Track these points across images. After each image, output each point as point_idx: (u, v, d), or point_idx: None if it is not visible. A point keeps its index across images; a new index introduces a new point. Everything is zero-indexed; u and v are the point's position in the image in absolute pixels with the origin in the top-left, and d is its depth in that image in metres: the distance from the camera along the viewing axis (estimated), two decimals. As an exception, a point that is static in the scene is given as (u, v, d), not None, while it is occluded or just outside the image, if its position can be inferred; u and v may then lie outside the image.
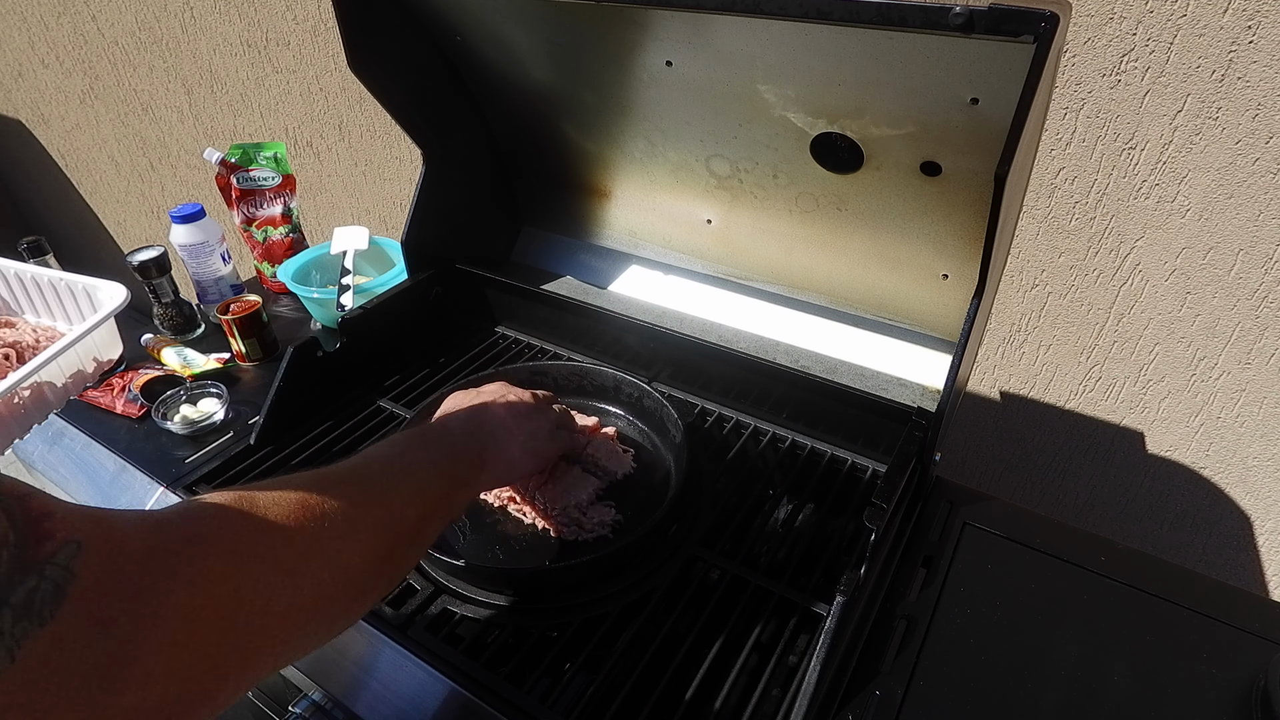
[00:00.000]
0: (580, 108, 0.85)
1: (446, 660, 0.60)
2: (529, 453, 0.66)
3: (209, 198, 1.88)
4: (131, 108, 1.92)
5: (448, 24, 0.82)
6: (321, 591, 0.41)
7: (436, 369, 0.96)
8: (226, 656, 0.35)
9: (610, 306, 0.93)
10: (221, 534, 0.37)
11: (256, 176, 1.20)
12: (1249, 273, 0.87)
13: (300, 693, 0.67)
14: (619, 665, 0.59)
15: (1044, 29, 0.46)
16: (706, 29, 0.66)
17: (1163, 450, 1.05)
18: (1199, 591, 0.66)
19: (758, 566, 0.68)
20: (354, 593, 0.45)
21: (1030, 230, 0.97)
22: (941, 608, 0.65)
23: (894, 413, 0.75)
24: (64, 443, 0.92)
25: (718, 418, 0.88)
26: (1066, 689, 0.58)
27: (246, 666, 0.37)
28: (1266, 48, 0.76)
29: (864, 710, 0.57)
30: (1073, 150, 0.90)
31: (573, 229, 1.03)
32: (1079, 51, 0.84)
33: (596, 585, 0.65)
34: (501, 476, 0.64)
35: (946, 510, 0.75)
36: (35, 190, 2.51)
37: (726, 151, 0.80)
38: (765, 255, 0.89)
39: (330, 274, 1.18)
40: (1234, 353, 0.93)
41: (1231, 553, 1.08)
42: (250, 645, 0.37)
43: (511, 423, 0.65)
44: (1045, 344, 1.05)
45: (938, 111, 0.63)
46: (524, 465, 0.66)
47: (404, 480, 0.51)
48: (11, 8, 1.95)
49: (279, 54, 1.52)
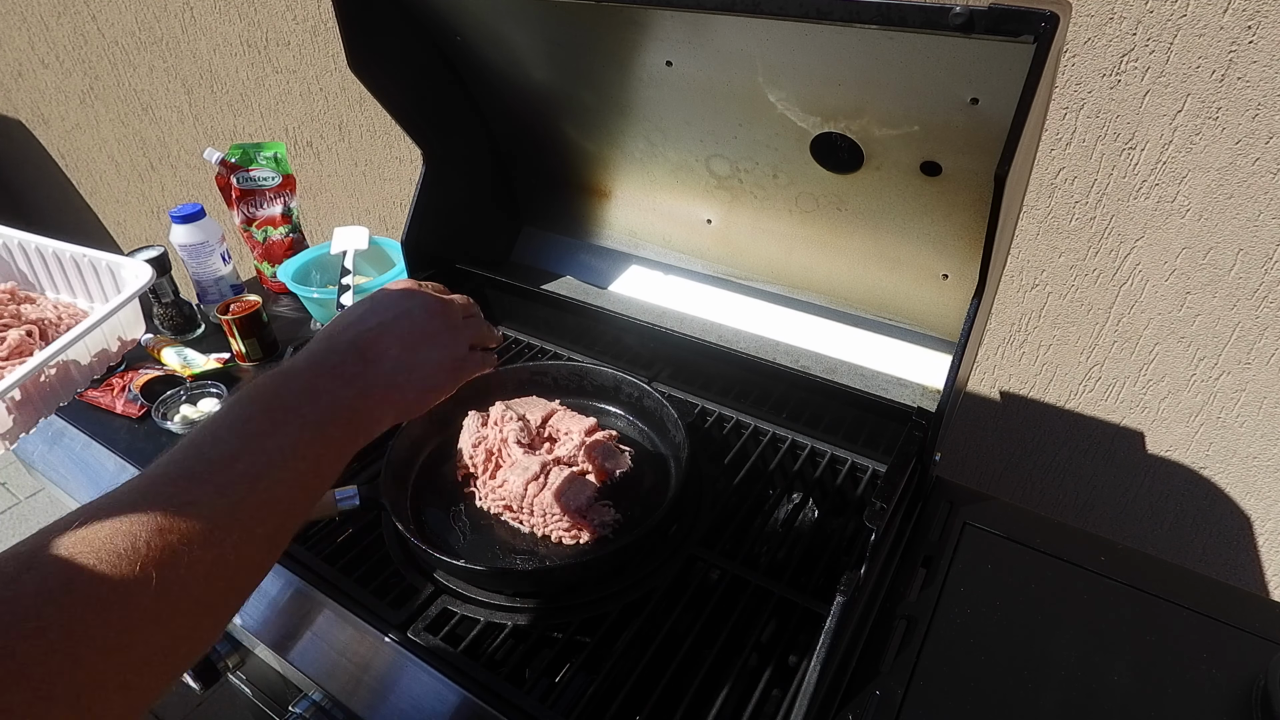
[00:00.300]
0: (580, 108, 0.85)
1: (446, 660, 0.60)
2: (429, 389, 0.53)
3: (209, 198, 1.88)
4: (131, 108, 1.92)
5: (448, 24, 0.82)
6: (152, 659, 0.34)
7: (436, 369, 0.96)
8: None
9: (610, 306, 0.93)
10: (24, 653, 0.29)
11: (256, 176, 1.20)
12: (1249, 273, 0.87)
13: (300, 693, 0.67)
14: (619, 665, 0.59)
15: (1044, 29, 0.46)
16: (706, 29, 0.66)
17: (1163, 450, 1.05)
18: (1199, 591, 0.66)
19: (758, 566, 0.68)
20: (200, 632, 0.37)
21: (1030, 230, 0.97)
22: (941, 608, 0.65)
23: (894, 413, 0.75)
24: (64, 443, 0.92)
25: (718, 418, 0.88)
26: (1066, 689, 0.58)
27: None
28: (1266, 48, 0.76)
29: (864, 710, 0.57)
30: (1073, 150, 0.90)
31: (573, 229, 1.03)
32: (1079, 51, 0.84)
33: (596, 585, 0.65)
34: (389, 422, 0.51)
35: (946, 510, 0.75)
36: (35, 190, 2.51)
37: (726, 151, 0.80)
38: (765, 255, 0.89)
39: (330, 274, 1.18)
40: (1234, 353, 0.93)
41: (1231, 553, 1.08)
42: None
43: (408, 354, 0.52)
44: (1045, 344, 1.05)
45: (938, 111, 0.63)
46: (421, 404, 0.53)
47: (254, 484, 0.40)
48: (11, 8, 1.95)
49: (279, 54, 1.52)
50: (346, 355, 0.49)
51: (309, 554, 0.69)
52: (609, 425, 0.83)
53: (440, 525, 0.73)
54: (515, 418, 0.79)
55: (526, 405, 0.82)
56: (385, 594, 0.66)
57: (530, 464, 0.73)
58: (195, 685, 0.73)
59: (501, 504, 0.73)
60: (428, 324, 0.54)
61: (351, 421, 0.47)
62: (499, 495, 0.73)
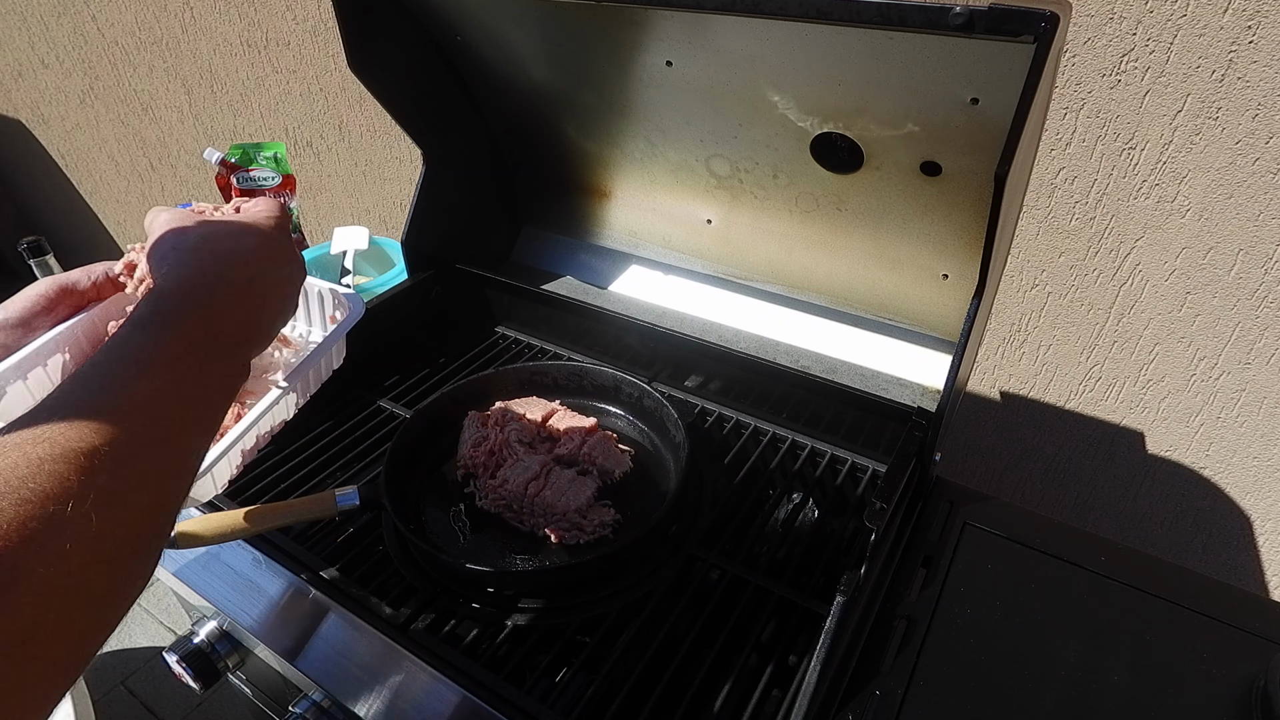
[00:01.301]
0: (580, 108, 0.85)
1: (447, 660, 0.60)
2: (278, 312, 0.48)
3: (209, 198, 1.88)
4: (131, 108, 1.92)
5: (448, 24, 0.82)
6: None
7: (436, 369, 0.96)
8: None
9: (610, 306, 0.93)
10: None
11: (256, 176, 1.20)
12: (1249, 273, 0.87)
13: (300, 693, 0.67)
14: (619, 665, 0.59)
15: (1044, 29, 0.46)
16: (706, 29, 0.66)
17: (1163, 450, 1.05)
18: (1199, 591, 0.65)
19: (758, 566, 0.68)
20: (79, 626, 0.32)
21: (1030, 230, 0.97)
22: (941, 608, 0.65)
23: (894, 413, 0.75)
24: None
25: (718, 418, 0.88)
26: (1066, 689, 0.58)
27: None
28: (1266, 48, 0.76)
29: (864, 710, 0.57)
30: (1073, 150, 0.90)
31: (573, 229, 1.03)
32: (1079, 51, 0.84)
33: (596, 585, 0.65)
34: (256, 351, 0.46)
35: (946, 510, 0.74)
36: (35, 190, 2.51)
37: (726, 151, 0.80)
38: (765, 255, 0.89)
39: (330, 274, 1.18)
40: (1234, 353, 0.93)
41: (1231, 553, 1.08)
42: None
43: (255, 284, 0.46)
44: (1045, 344, 1.05)
45: (938, 111, 0.63)
46: (275, 328, 0.48)
47: (116, 466, 0.34)
48: (11, 8, 1.95)
49: (279, 54, 1.52)
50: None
51: (309, 554, 0.69)
52: (609, 425, 0.83)
53: (440, 525, 0.73)
54: (515, 418, 0.79)
55: (526, 405, 0.83)
56: (385, 594, 0.66)
57: (530, 464, 0.73)
58: (195, 685, 0.73)
59: (501, 504, 0.73)
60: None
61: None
62: (499, 495, 0.73)
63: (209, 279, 0.44)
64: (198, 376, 0.40)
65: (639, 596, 0.65)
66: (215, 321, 0.42)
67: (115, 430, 0.34)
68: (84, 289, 0.55)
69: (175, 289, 0.43)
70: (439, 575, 0.67)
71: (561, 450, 0.76)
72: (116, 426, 0.35)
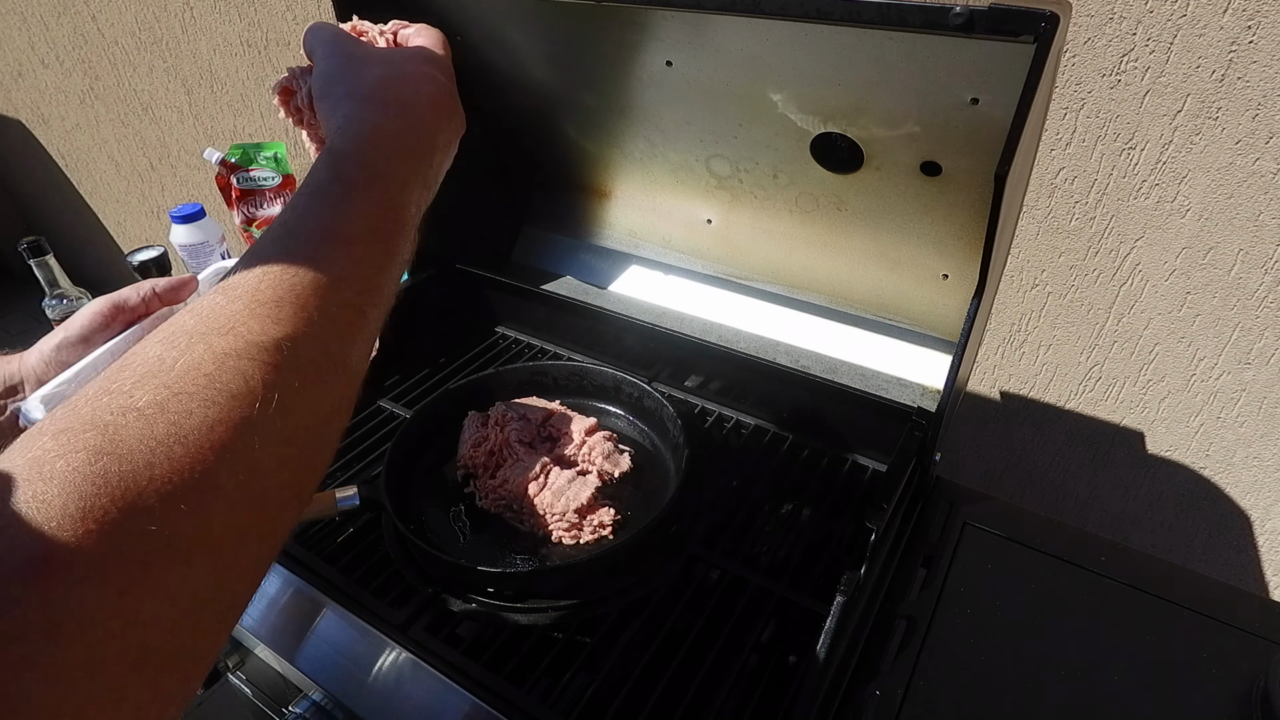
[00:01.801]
0: (580, 108, 0.85)
1: (447, 660, 0.60)
2: (444, 168, 0.48)
3: (209, 198, 1.88)
4: (131, 108, 1.92)
5: (448, 24, 0.81)
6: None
7: (436, 369, 0.96)
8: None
9: (610, 306, 0.93)
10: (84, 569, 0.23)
11: (256, 176, 1.20)
12: (1249, 273, 0.87)
13: (300, 693, 0.67)
14: (619, 665, 0.59)
15: (1044, 29, 0.46)
16: (706, 29, 0.66)
17: (1163, 450, 1.05)
18: (1199, 591, 0.66)
19: (758, 566, 0.68)
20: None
21: (1030, 230, 0.97)
22: (941, 608, 0.65)
23: (894, 413, 0.75)
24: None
25: (718, 418, 0.88)
26: (1066, 689, 0.58)
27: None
28: (1266, 48, 0.76)
29: (864, 710, 0.57)
30: (1073, 150, 0.90)
31: (573, 229, 1.03)
32: (1079, 51, 0.85)
33: (596, 585, 0.65)
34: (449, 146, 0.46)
35: (946, 510, 0.75)
36: (35, 190, 2.51)
37: (726, 151, 0.80)
38: (765, 255, 0.89)
39: (330, 274, 1.18)
40: (1234, 353, 0.93)
41: (1231, 553, 1.08)
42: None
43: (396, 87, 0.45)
44: (1045, 344, 1.05)
45: (938, 111, 0.63)
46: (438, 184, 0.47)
47: (299, 363, 0.32)
48: (11, 8, 1.95)
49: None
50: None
51: (309, 554, 0.69)
52: (609, 425, 0.83)
53: (440, 525, 0.73)
54: (515, 418, 0.79)
55: (526, 405, 0.83)
56: (385, 594, 0.66)
57: (530, 464, 0.73)
58: (195, 685, 0.73)
59: (501, 504, 0.74)
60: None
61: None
62: (499, 495, 0.73)
63: (386, 144, 0.42)
64: (377, 258, 0.39)
65: (639, 596, 0.65)
66: (394, 193, 0.41)
67: (297, 321, 0.32)
68: (134, 305, 0.57)
69: (354, 151, 0.41)
70: (439, 575, 0.67)
71: (561, 450, 0.76)
72: (298, 317, 0.33)
